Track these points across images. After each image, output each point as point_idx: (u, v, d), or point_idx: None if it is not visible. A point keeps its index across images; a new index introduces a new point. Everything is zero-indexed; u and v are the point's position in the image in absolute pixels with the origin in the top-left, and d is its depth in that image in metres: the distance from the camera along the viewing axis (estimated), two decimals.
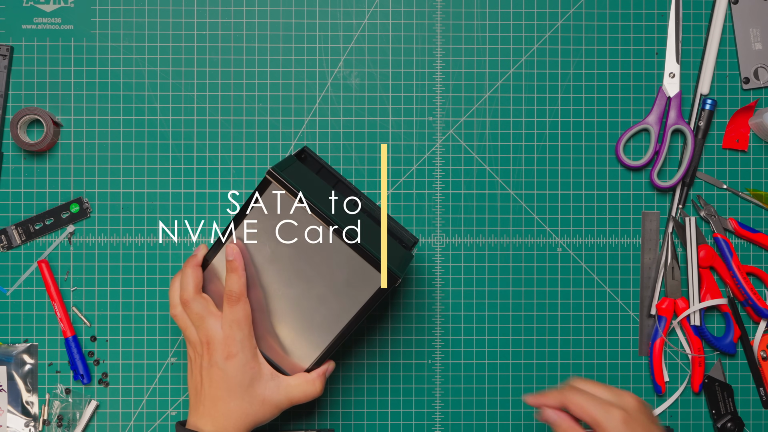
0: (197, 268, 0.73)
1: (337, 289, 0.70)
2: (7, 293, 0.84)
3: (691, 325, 0.84)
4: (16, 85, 0.84)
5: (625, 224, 0.85)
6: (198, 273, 0.73)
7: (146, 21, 0.84)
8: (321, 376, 0.74)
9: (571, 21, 0.85)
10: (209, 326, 0.71)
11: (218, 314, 0.72)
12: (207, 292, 0.74)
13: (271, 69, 0.84)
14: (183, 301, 0.72)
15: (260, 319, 0.72)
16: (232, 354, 0.70)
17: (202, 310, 0.71)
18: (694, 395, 0.85)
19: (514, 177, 0.85)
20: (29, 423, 0.83)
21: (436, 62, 0.85)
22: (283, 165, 0.71)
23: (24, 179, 0.84)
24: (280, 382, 0.72)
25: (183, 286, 0.72)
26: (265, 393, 0.72)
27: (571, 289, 0.85)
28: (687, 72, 0.85)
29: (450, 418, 0.84)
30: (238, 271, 0.70)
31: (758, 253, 0.85)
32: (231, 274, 0.70)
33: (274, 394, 0.72)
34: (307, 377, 0.73)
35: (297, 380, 0.73)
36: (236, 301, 0.70)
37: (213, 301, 0.73)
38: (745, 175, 0.85)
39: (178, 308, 0.73)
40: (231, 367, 0.70)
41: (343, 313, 0.71)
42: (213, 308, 0.72)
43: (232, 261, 0.70)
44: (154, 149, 0.84)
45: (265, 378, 0.72)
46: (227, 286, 0.71)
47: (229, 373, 0.70)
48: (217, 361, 0.70)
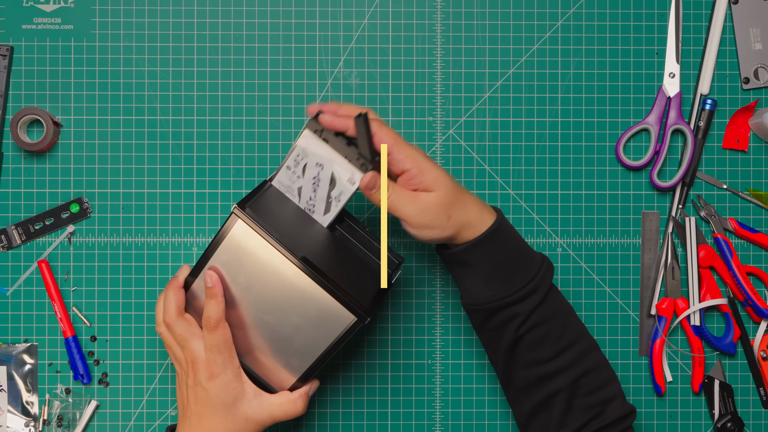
0: (179, 290, 0.73)
1: (312, 320, 0.70)
2: (7, 293, 0.84)
3: (691, 325, 0.84)
4: (16, 85, 0.84)
5: (625, 224, 0.85)
6: (180, 295, 0.73)
7: (146, 21, 0.84)
8: (303, 395, 0.74)
9: (571, 21, 0.85)
10: (193, 347, 0.72)
11: (201, 335, 0.73)
12: (192, 309, 0.74)
13: (271, 69, 0.84)
14: (166, 323, 0.73)
15: (244, 336, 0.72)
16: (215, 374, 0.71)
17: (184, 331, 0.72)
18: (694, 395, 0.85)
19: (514, 177, 0.85)
20: (29, 423, 0.83)
21: (436, 62, 0.85)
22: (252, 196, 0.70)
23: (24, 179, 0.84)
24: (262, 401, 0.73)
25: (165, 309, 0.73)
26: (248, 412, 0.73)
27: (571, 289, 0.85)
28: (687, 72, 0.85)
29: (450, 418, 0.84)
30: (216, 297, 0.71)
31: (758, 253, 0.85)
32: (210, 300, 0.71)
33: (257, 413, 0.73)
34: (289, 397, 0.74)
35: (279, 399, 0.74)
36: (214, 327, 0.71)
37: (196, 322, 0.73)
38: (745, 175, 0.85)
39: (162, 326, 0.74)
40: (214, 387, 0.71)
41: (319, 343, 0.71)
42: (196, 329, 0.73)
43: (211, 288, 0.71)
44: (154, 149, 0.84)
45: (249, 397, 0.73)
46: (206, 312, 0.71)
47: (212, 392, 0.72)
48: (201, 381, 0.72)
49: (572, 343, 0.72)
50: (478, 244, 0.70)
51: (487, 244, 0.70)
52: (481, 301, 0.71)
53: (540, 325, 0.71)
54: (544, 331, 0.71)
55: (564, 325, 0.72)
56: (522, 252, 0.72)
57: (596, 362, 0.72)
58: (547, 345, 0.71)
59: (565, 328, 0.72)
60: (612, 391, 0.72)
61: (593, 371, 0.72)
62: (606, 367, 0.73)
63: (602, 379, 0.72)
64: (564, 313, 0.73)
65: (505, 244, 0.71)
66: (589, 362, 0.72)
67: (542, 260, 0.72)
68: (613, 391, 0.72)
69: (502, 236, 0.71)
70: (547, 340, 0.71)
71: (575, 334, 0.72)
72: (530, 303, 0.70)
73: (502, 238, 0.71)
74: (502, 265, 0.71)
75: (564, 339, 0.71)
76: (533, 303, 0.70)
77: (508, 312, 0.71)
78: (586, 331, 0.74)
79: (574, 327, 0.73)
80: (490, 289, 0.71)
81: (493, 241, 0.70)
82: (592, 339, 0.74)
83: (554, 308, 0.72)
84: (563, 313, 0.72)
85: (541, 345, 0.71)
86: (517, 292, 0.70)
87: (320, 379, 0.84)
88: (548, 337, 0.71)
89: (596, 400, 0.71)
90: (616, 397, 0.72)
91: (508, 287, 0.70)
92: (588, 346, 0.73)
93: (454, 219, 0.69)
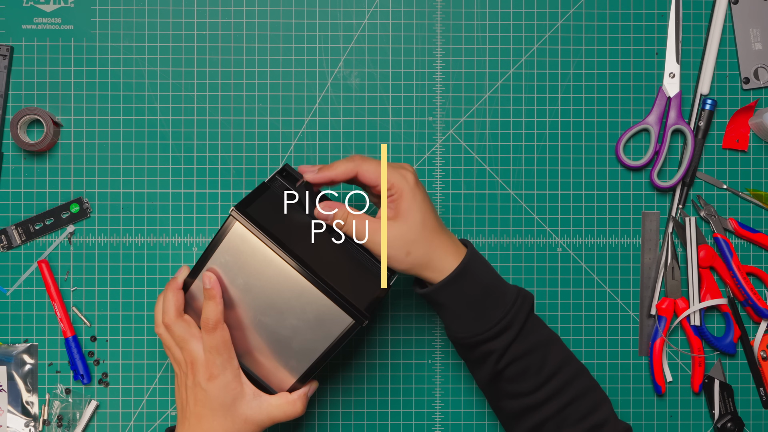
0: (178, 291, 0.73)
1: (310, 322, 0.70)
2: (7, 293, 0.84)
3: (691, 325, 0.84)
4: (16, 85, 0.84)
5: (625, 224, 0.85)
6: (179, 296, 0.73)
7: (146, 21, 0.84)
8: (302, 396, 0.74)
9: (571, 21, 0.85)
10: (192, 348, 0.72)
11: (200, 336, 0.73)
12: (191, 310, 0.74)
13: (271, 69, 0.84)
14: (165, 325, 0.73)
15: (242, 337, 0.72)
16: (214, 376, 0.71)
17: (183, 332, 0.72)
18: (694, 395, 0.85)
19: (514, 177, 0.85)
20: (29, 423, 0.83)
21: (436, 62, 0.85)
22: (251, 199, 0.70)
23: (24, 179, 0.84)
24: (261, 402, 0.73)
25: (165, 310, 0.73)
26: (247, 412, 0.73)
27: (571, 289, 0.85)
28: (687, 72, 0.85)
29: (450, 418, 0.84)
30: (215, 299, 0.71)
31: (758, 253, 0.85)
32: (208, 302, 0.71)
33: (256, 414, 0.73)
34: (288, 398, 0.74)
35: (278, 400, 0.74)
36: (213, 329, 0.71)
37: (195, 322, 0.73)
38: (745, 175, 0.85)
39: (161, 327, 0.74)
40: (213, 388, 0.71)
41: (318, 345, 0.71)
42: (195, 330, 0.73)
43: (209, 289, 0.71)
44: (154, 149, 0.84)
45: (248, 398, 0.73)
46: (204, 313, 0.71)
47: (211, 393, 0.71)
48: (200, 382, 0.72)
49: (554, 374, 0.72)
50: (445, 286, 0.71)
51: (453, 285, 0.70)
52: (458, 336, 0.72)
53: (519, 359, 0.71)
54: (524, 365, 0.71)
55: (544, 357, 0.72)
56: (494, 289, 0.72)
57: (582, 389, 0.73)
58: (529, 377, 0.71)
59: (546, 359, 0.72)
60: (603, 415, 0.72)
61: (580, 398, 0.72)
62: (594, 390, 0.73)
63: (591, 404, 0.72)
64: (544, 344, 0.73)
65: (474, 283, 0.71)
66: (574, 391, 0.72)
67: (516, 294, 0.72)
68: (604, 415, 0.73)
69: (470, 276, 0.71)
70: (528, 373, 0.71)
71: (557, 364, 0.72)
72: (505, 339, 0.71)
73: (470, 279, 0.71)
74: (473, 303, 0.71)
75: (545, 370, 0.72)
76: (508, 339, 0.70)
77: (485, 348, 0.71)
78: (570, 359, 0.74)
79: (557, 357, 0.73)
80: (465, 326, 0.72)
81: (460, 282, 0.71)
82: (577, 365, 0.74)
83: (533, 341, 0.72)
84: (543, 345, 0.72)
85: (522, 377, 0.72)
86: (490, 329, 0.70)
87: (320, 380, 0.84)
88: (528, 370, 0.71)
89: (587, 426, 0.72)
90: (608, 420, 0.73)
91: (481, 325, 0.71)
92: (571, 375, 0.72)
93: (413, 256, 0.70)
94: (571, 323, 0.85)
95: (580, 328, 0.85)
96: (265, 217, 0.70)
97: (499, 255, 0.84)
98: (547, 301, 0.85)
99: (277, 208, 0.72)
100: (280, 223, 0.70)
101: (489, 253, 0.84)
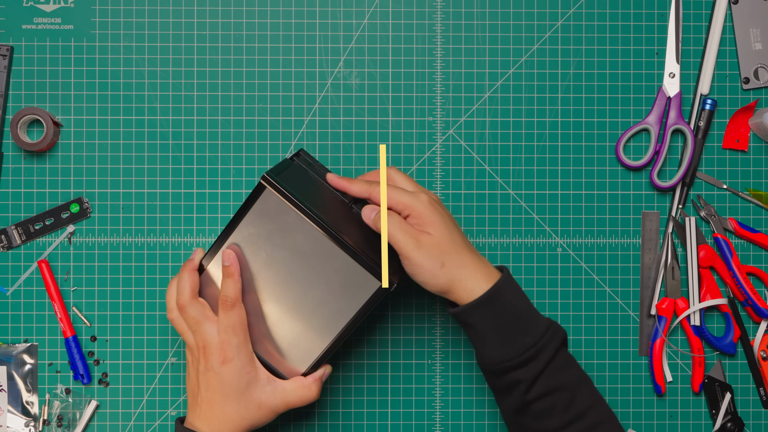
0: (194, 272, 0.73)
1: (335, 292, 0.70)
2: (7, 293, 0.84)
3: (691, 325, 0.84)
4: (16, 85, 0.84)
5: (625, 224, 0.85)
6: (194, 277, 0.73)
7: (146, 21, 0.84)
8: (317, 380, 0.74)
9: (571, 21, 0.85)
10: (205, 331, 0.71)
11: (214, 319, 0.72)
12: (204, 296, 0.74)
13: (271, 69, 0.84)
14: (179, 306, 0.72)
15: (256, 323, 0.72)
16: (228, 359, 0.71)
17: (198, 314, 0.72)
18: (694, 395, 0.85)
19: (514, 177, 0.85)
20: (29, 423, 0.83)
21: (436, 62, 0.85)
22: (278, 169, 0.71)
23: (24, 179, 0.84)
24: (276, 386, 0.73)
25: (179, 291, 0.72)
26: (261, 397, 0.72)
27: (571, 289, 0.85)
28: (687, 72, 0.85)
29: (450, 418, 0.84)
30: (234, 277, 0.70)
31: (758, 253, 0.85)
32: (227, 280, 0.71)
33: (270, 398, 0.72)
34: (303, 381, 0.73)
35: (293, 384, 0.73)
36: (231, 306, 0.70)
37: (209, 306, 0.73)
38: (745, 175, 0.85)
39: (174, 312, 0.73)
40: (227, 371, 0.71)
41: (341, 316, 0.71)
42: (209, 313, 0.72)
43: (228, 266, 0.70)
44: (154, 149, 0.84)
45: (262, 382, 0.72)
46: (222, 291, 0.71)
47: (225, 377, 0.71)
48: (213, 366, 0.71)
49: (581, 415, 0.70)
50: (476, 306, 0.69)
51: (485, 307, 0.69)
52: (485, 361, 0.71)
53: (547, 395, 0.70)
54: (551, 402, 0.70)
55: (572, 396, 0.70)
56: (526, 317, 0.70)
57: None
58: (556, 416, 0.70)
59: (574, 399, 0.70)
60: None
61: None
62: None
63: None
64: (574, 384, 0.71)
65: (506, 308, 0.70)
66: None
67: (548, 326, 0.71)
68: None
69: (502, 300, 0.70)
70: (555, 410, 0.70)
71: (586, 406, 0.71)
72: (532, 369, 0.69)
73: (502, 302, 0.70)
74: (503, 328, 0.70)
75: (572, 410, 0.70)
76: (535, 369, 0.69)
77: (511, 376, 0.70)
78: (600, 403, 0.72)
79: (586, 399, 0.71)
80: (493, 351, 0.70)
81: (491, 305, 0.69)
82: (605, 410, 0.72)
83: (562, 379, 0.70)
84: (573, 384, 0.71)
85: (548, 415, 0.70)
86: (518, 357, 0.69)
87: None
88: (555, 408, 0.70)
89: None
90: None
91: (509, 351, 0.69)
92: (598, 419, 0.71)
93: (447, 269, 0.69)
94: (571, 323, 0.85)
95: (580, 328, 0.85)
96: (294, 185, 0.70)
97: (499, 255, 0.84)
98: (547, 301, 0.85)
99: (304, 180, 0.73)
100: (307, 194, 0.71)
101: (489, 253, 0.84)
